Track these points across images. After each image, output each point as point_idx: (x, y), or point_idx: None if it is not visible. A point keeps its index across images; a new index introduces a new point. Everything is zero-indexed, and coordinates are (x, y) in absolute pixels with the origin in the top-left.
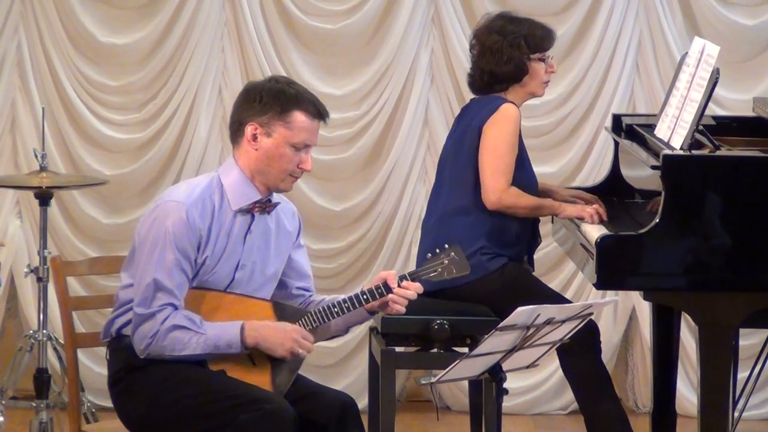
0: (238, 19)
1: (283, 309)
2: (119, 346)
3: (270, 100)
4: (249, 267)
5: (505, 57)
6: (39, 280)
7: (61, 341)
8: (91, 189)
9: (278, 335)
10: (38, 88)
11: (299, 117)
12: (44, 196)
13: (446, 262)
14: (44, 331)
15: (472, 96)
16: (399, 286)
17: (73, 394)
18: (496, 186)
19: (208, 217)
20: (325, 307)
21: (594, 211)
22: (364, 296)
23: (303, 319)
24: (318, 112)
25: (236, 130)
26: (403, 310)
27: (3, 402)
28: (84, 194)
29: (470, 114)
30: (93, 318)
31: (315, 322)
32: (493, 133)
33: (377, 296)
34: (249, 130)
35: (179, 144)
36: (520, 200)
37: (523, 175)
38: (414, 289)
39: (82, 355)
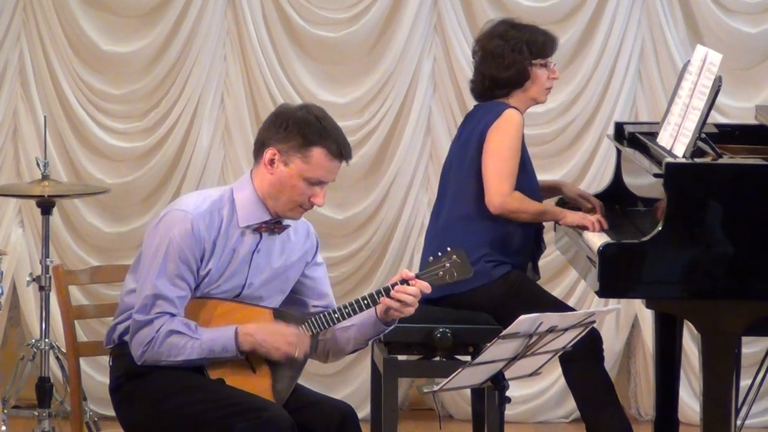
0: (240, 27)
1: (284, 316)
2: (122, 353)
3: (294, 129)
4: (257, 285)
5: (507, 62)
6: (41, 288)
7: (64, 350)
8: (93, 198)
9: (273, 340)
10: (40, 97)
11: (319, 154)
12: (46, 205)
13: (448, 265)
14: (46, 340)
15: (475, 103)
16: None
17: (76, 403)
18: (499, 190)
19: (214, 230)
20: (327, 313)
21: (596, 219)
22: (365, 300)
23: (304, 325)
24: (339, 152)
25: (258, 149)
26: (404, 311)
27: (5, 411)
28: (86, 203)
29: (474, 120)
30: (95, 327)
31: (316, 327)
32: (497, 137)
33: (377, 299)
34: (268, 154)
35: (181, 152)
36: (524, 205)
37: (525, 179)
38: (415, 290)
39: (84, 363)
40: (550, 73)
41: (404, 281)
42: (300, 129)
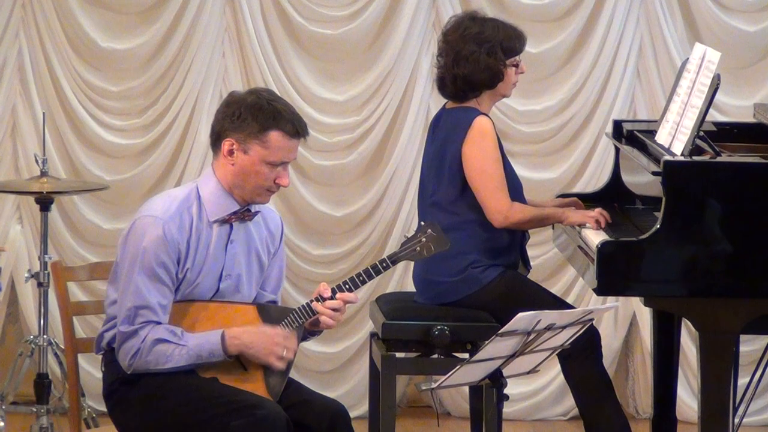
0: (239, 24)
1: (267, 311)
2: (113, 359)
3: (248, 116)
4: (234, 277)
5: (482, 65)
6: (39, 285)
7: (62, 346)
8: (92, 194)
9: (261, 343)
10: (39, 93)
11: (276, 136)
12: (45, 202)
13: (424, 239)
14: (45, 337)
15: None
16: (333, 297)
17: (74, 400)
18: (499, 207)
19: (186, 230)
20: (305, 305)
21: (598, 215)
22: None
23: (287, 319)
24: (296, 130)
25: (214, 142)
26: (332, 323)
27: (3, 407)
28: (85, 199)
29: (445, 127)
30: (94, 323)
31: (300, 319)
32: (475, 153)
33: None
34: (226, 145)
35: (180, 149)
36: (526, 214)
37: (507, 180)
38: (338, 304)
39: (82, 360)
40: (518, 70)
41: (323, 298)
42: (253, 115)
